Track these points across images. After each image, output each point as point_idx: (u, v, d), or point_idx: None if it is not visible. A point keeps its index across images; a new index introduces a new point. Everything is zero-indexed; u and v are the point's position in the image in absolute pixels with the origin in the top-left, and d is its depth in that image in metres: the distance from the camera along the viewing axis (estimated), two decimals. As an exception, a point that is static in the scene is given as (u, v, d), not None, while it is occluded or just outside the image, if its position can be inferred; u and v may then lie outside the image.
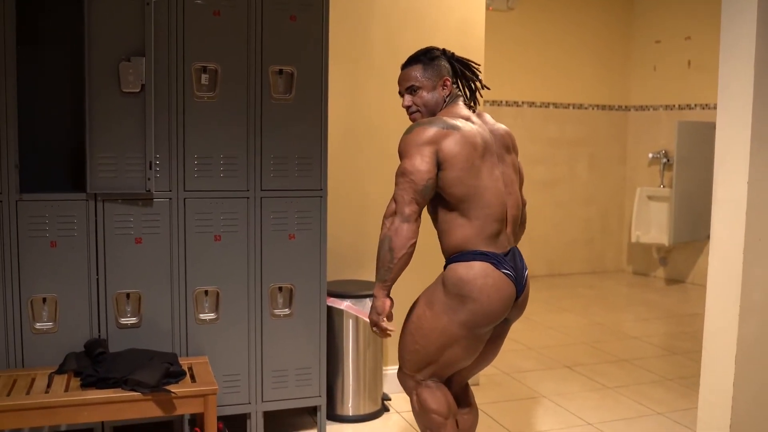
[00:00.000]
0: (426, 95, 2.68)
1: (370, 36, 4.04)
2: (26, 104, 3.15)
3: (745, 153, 2.76)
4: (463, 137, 2.54)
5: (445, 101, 2.69)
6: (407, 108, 2.72)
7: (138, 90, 3.10)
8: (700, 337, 3.00)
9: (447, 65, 2.71)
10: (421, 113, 2.69)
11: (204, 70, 3.23)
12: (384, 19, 4.05)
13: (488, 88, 2.88)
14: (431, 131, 2.54)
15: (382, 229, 2.55)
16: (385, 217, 2.56)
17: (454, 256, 2.60)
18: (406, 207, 2.51)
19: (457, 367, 2.68)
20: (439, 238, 2.66)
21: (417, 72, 2.68)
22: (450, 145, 2.53)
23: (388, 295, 2.58)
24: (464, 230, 2.57)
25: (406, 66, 2.72)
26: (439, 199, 2.59)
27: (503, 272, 2.55)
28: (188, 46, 3.20)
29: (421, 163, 2.50)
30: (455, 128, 2.54)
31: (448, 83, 2.69)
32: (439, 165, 2.52)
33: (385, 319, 2.58)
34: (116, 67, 3.07)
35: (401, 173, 2.54)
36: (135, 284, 3.21)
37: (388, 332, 2.59)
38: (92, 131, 3.07)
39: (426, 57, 2.69)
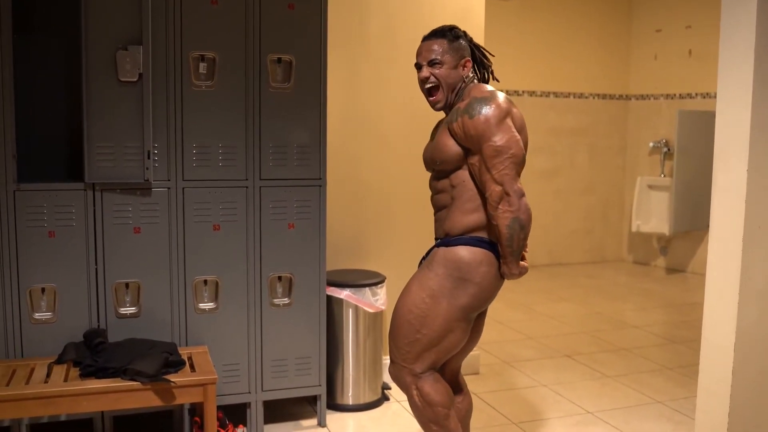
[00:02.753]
0: (446, 71, 2.61)
1: (368, 24, 4.02)
2: (24, 94, 3.14)
3: (744, 140, 2.74)
4: (519, 113, 2.58)
5: (464, 81, 2.65)
6: (425, 80, 2.63)
7: (135, 79, 3.09)
8: (699, 326, 3.00)
9: (468, 47, 2.67)
10: (439, 88, 2.62)
11: (202, 58, 3.21)
12: (382, 7, 4.03)
13: (498, 80, 2.84)
14: (502, 101, 2.50)
15: (499, 218, 2.44)
16: (496, 204, 2.44)
17: (456, 237, 2.57)
18: (515, 184, 2.44)
19: (453, 352, 2.67)
20: (449, 215, 2.60)
21: (441, 46, 2.61)
22: (516, 116, 2.55)
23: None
24: (480, 214, 2.55)
25: (429, 38, 2.65)
26: (470, 175, 2.54)
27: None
28: (186, 34, 3.18)
29: (512, 134, 2.46)
30: (511, 102, 2.55)
31: (469, 65, 2.66)
32: None
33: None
34: (113, 56, 3.05)
35: (496, 153, 2.43)
36: (134, 274, 3.21)
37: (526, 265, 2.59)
38: (90, 121, 3.06)
39: (451, 33, 2.63)
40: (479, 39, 4.13)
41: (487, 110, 2.46)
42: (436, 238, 2.70)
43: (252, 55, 3.28)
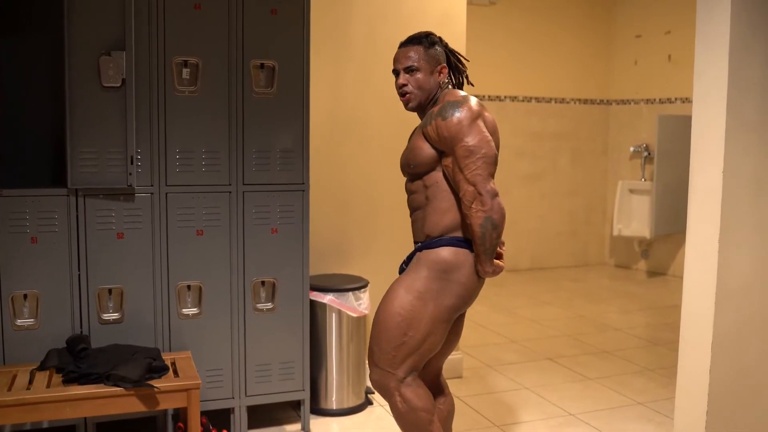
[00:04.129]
0: (423, 78, 2.65)
1: (351, 29, 4.05)
2: (7, 98, 3.14)
3: (720, 143, 2.79)
4: (491, 117, 2.64)
5: (440, 88, 2.69)
6: (402, 86, 2.67)
7: (119, 84, 3.09)
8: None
9: (443, 53, 2.71)
10: (414, 95, 2.66)
11: (185, 64, 3.22)
12: (364, 11, 4.06)
13: (473, 85, 2.88)
14: (474, 104, 2.55)
15: (472, 217, 2.48)
16: (469, 203, 2.48)
17: (437, 239, 2.60)
18: (488, 184, 2.48)
19: (432, 354, 2.68)
20: (426, 216, 2.63)
21: (417, 53, 2.65)
22: (488, 120, 2.61)
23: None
24: (455, 214, 2.59)
25: (405, 45, 2.69)
26: (443, 176, 2.59)
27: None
28: (169, 40, 3.19)
29: (484, 134, 2.51)
30: (483, 106, 2.60)
31: (444, 71, 2.69)
32: None
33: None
34: (96, 61, 3.06)
35: (468, 153, 2.48)
36: (117, 279, 3.21)
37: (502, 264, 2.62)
38: (73, 126, 3.06)
39: (427, 40, 2.67)
40: (460, 44, 4.17)
41: (459, 113, 2.51)
42: (415, 242, 2.72)
43: (235, 61, 3.30)
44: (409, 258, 2.72)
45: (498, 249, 2.61)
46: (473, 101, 2.58)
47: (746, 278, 2.94)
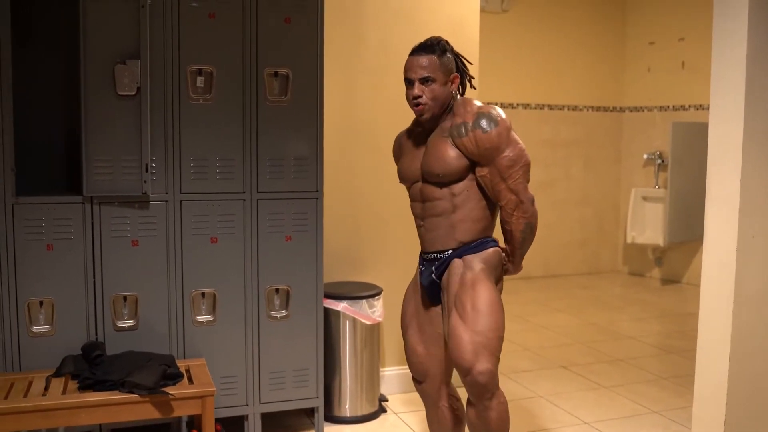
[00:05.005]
0: (438, 88, 2.61)
1: (364, 37, 4.06)
2: (22, 107, 3.16)
3: (737, 151, 2.78)
4: None
5: (453, 97, 2.69)
6: (416, 98, 2.62)
7: (133, 93, 3.11)
8: (695, 337, 3.02)
9: (453, 60, 2.69)
10: (429, 106, 2.62)
11: (199, 72, 3.24)
12: (377, 19, 4.07)
13: (475, 88, 2.90)
14: (504, 116, 2.61)
15: (513, 223, 2.65)
16: (512, 211, 2.63)
17: (478, 242, 2.68)
18: (528, 191, 2.64)
19: None
20: (455, 224, 2.67)
21: (431, 62, 2.60)
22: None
23: None
24: (488, 219, 2.71)
25: (418, 53, 2.63)
26: (477, 186, 2.65)
27: None
28: (183, 48, 3.21)
29: (520, 145, 2.62)
30: None
31: (457, 80, 2.68)
32: None
33: None
34: (111, 69, 3.07)
35: (511, 164, 2.58)
36: (132, 287, 3.22)
37: None
38: (88, 134, 3.07)
39: (439, 48, 2.62)
40: (473, 51, 4.17)
41: (497, 125, 2.57)
42: (434, 251, 2.71)
43: (249, 69, 3.31)
44: (439, 266, 2.71)
45: None
46: (501, 111, 2.63)
47: (764, 286, 2.92)
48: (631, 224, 7.77)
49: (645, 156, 7.97)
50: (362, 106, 4.07)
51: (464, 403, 2.90)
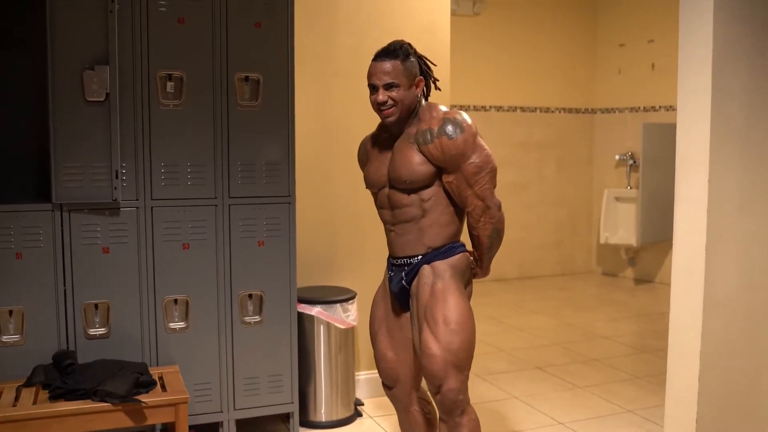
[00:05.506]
0: (402, 93, 2.58)
1: (336, 42, 4.05)
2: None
3: (704, 151, 2.81)
4: None
5: (419, 101, 2.66)
6: (381, 103, 2.60)
7: (102, 99, 3.08)
8: (668, 336, 3.05)
9: (417, 63, 2.66)
10: (394, 111, 2.59)
11: (169, 77, 3.22)
12: (349, 23, 4.07)
13: (440, 90, 2.87)
14: (469, 120, 2.59)
15: (480, 229, 2.66)
16: (478, 217, 2.63)
17: (446, 247, 2.66)
18: (494, 197, 2.63)
19: None
20: (423, 229, 2.64)
21: (395, 68, 2.57)
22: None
23: None
24: (456, 224, 2.70)
25: (381, 58, 2.60)
26: (444, 191, 2.63)
27: None
28: (153, 53, 3.19)
29: (486, 150, 2.60)
30: None
31: (421, 84, 2.66)
32: None
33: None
34: (80, 75, 3.04)
35: (477, 170, 2.56)
36: (103, 294, 3.18)
37: None
38: (57, 140, 3.04)
39: (402, 52, 2.60)
40: (445, 55, 4.19)
41: (462, 131, 2.54)
42: (403, 256, 2.70)
43: (219, 74, 3.29)
44: (408, 272, 2.69)
45: None
46: (467, 117, 2.60)
47: (733, 286, 2.96)
48: (604, 225, 7.83)
49: (617, 157, 8.04)
50: (335, 111, 4.07)
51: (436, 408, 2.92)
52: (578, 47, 8.22)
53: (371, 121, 2.86)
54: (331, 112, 4.06)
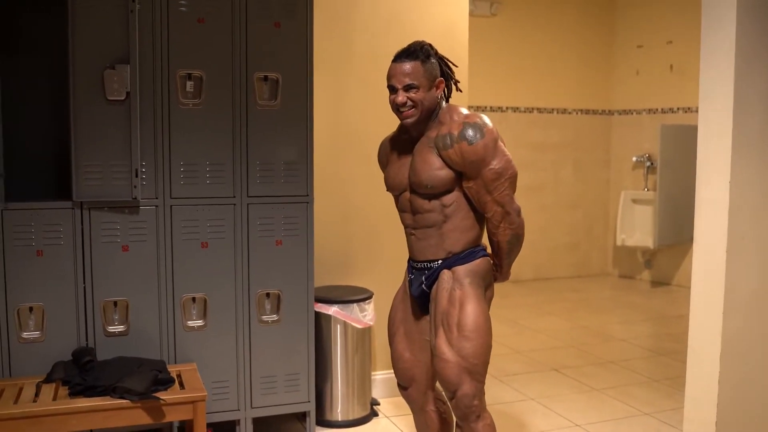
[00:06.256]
0: (423, 95, 2.55)
1: (353, 42, 4.06)
2: (10, 112, 3.15)
3: (726, 154, 2.79)
4: None
5: (439, 103, 2.63)
6: (401, 104, 2.56)
7: (123, 98, 3.10)
8: (685, 339, 3.03)
9: (437, 64, 2.62)
10: (414, 112, 2.57)
11: (189, 77, 3.23)
12: (367, 24, 4.07)
13: (461, 91, 2.84)
14: (490, 124, 2.56)
15: (499, 234, 2.64)
16: (498, 222, 2.61)
17: (467, 252, 2.64)
18: (514, 203, 2.60)
19: None
20: (444, 234, 2.63)
21: (415, 69, 2.54)
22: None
23: None
24: (477, 229, 2.68)
25: (401, 59, 2.56)
26: (465, 196, 2.61)
27: None
28: (173, 53, 3.20)
29: (507, 156, 2.57)
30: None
31: (442, 85, 2.62)
32: None
33: None
34: (101, 75, 3.06)
35: (497, 176, 2.53)
36: (122, 292, 3.20)
37: None
38: (77, 139, 3.06)
39: (422, 53, 2.56)
40: (463, 56, 4.18)
41: (483, 136, 2.50)
42: (425, 260, 2.69)
43: (239, 73, 3.30)
44: (429, 276, 2.68)
45: None
46: (488, 120, 2.56)
47: (754, 288, 2.94)
48: (620, 227, 7.80)
49: (634, 159, 8.00)
50: (352, 111, 4.07)
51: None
52: (596, 48, 8.19)
53: (388, 124, 2.86)
54: (347, 113, 4.07)
